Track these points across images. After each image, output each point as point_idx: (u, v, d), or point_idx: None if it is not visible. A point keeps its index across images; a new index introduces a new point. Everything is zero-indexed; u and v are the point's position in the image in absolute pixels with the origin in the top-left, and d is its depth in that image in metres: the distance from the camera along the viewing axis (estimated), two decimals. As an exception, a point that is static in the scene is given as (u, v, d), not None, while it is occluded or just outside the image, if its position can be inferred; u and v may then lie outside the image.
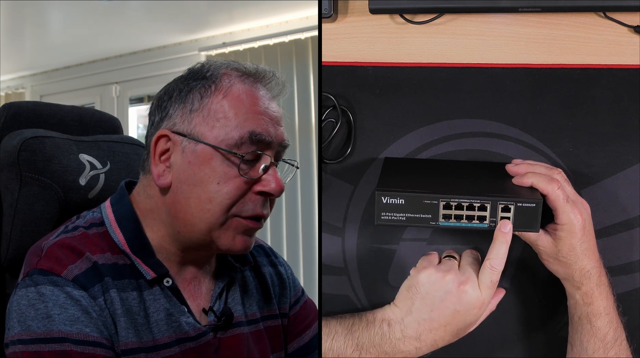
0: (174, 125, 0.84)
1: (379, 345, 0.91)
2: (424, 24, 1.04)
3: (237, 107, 0.84)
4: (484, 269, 0.90)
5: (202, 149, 0.83)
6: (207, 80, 0.85)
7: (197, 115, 0.84)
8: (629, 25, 1.02)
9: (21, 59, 3.62)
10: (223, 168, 0.83)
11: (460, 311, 0.89)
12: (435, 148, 1.05)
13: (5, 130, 1.01)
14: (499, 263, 0.89)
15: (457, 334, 0.92)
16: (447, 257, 0.94)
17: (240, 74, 0.86)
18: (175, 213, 0.85)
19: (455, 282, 0.89)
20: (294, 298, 1.03)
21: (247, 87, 0.85)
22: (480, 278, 0.90)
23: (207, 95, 0.84)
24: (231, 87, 0.84)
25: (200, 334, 0.87)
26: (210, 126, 0.83)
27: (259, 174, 0.84)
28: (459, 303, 0.89)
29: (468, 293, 0.89)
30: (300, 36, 2.92)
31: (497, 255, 0.89)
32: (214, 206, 0.83)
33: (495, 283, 0.90)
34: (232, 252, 0.87)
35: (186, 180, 0.83)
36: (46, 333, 0.77)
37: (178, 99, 0.85)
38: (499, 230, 0.89)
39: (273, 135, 0.85)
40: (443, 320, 0.89)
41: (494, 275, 0.89)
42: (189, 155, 0.83)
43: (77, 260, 0.82)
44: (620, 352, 0.95)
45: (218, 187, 0.82)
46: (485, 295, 0.89)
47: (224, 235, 0.85)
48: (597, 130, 1.03)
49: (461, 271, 0.91)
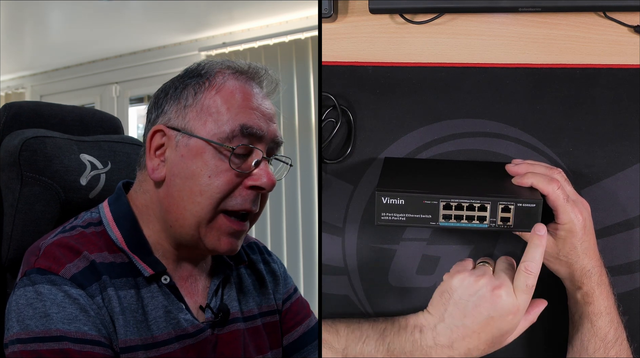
0: (168, 121, 0.86)
1: (410, 352, 0.89)
2: (424, 24, 1.05)
3: (229, 102, 0.85)
4: (519, 273, 0.86)
5: (194, 142, 0.84)
6: (202, 77, 0.87)
7: (191, 110, 0.85)
8: (629, 25, 1.02)
9: (21, 59, 3.62)
10: (215, 161, 0.84)
11: (494, 317, 0.86)
12: (435, 148, 1.05)
13: (6, 130, 1.01)
14: (535, 266, 0.86)
15: (493, 343, 0.88)
16: (482, 263, 0.92)
17: (233, 71, 0.88)
18: (168, 206, 0.86)
19: (489, 286, 0.86)
20: (286, 294, 1.04)
21: (241, 83, 0.87)
22: (515, 283, 0.86)
23: (200, 91, 0.86)
24: (224, 83, 0.86)
25: (199, 330, 0.88)
26: (203, 121, 0.85)
27: (250, 168, 0.85)
28: (492, 309, 0.86)
29: (502, 298, 0.86)
30: (300, 36, 2.92)
31: (533, 259, 0.86)
32: (204, 199, 0.84)
33: (531, 288, 0.86)
34: (218, 252, 0.88)
35: (179, 174, 0.85)
36: (44, 332, 0.77)
37: (173, 95, 0.87)
38: (535, 233, 0.87)
39: (265, 130, 0.86)
40: (477, 327, 0.86)
41: (529, 279, 0.86)
42: (182, 149, 0.85)
43: (75, 259, 0.83)
44: (621, 352, 0.95)
45: (209, 180, 0.83)
46: (520, 301, 0.86)
47: (210, 234, 0.86)
48: (597, 130, 1.03)
49: (495, 276, 0.88)
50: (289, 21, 2.97)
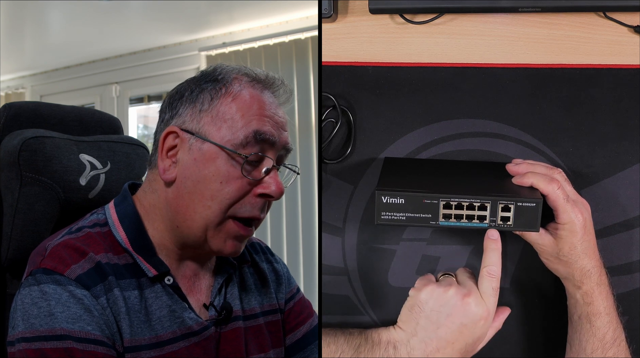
0: (183, 123, 0.87)
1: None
2: (424, 24, 1.04)
3: (244, 110, 0.86)
4: (482, 278, 0.90)
5: (208, 147, 0.85)
6: (218, 83, 0.88)
7: (206, 115, 0.86)
8: (629, 25, 1.02)
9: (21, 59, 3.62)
10: (227, 167, 0.85)
11: (467, 325, 0.88)
12: (435, 148, 1.05)
13: (6, 131, 1.01)
14: (496, 269, 0.90)
15: (466, 352, 0.90)
16: (444, 275, 0.94)
17: (250, 80, 0.89)
18: (177, 207, 0.87)
19: (458, 295, 0.89)
20: (289, 294, 1.05)
21: (257, 92, 0.88)
22: (481, 288, 0.90)
23: (217, 97, 0.87)
24: (241, 91, 0.87)
25: (203, 328, 0.89)
26: (217, 127, 0.86)
27: (261, 175, 0.87)
28: (464, 317, 0.88)
29: (472, 305, 0.88)
30: (300, 36, 2.92)
31: (493, 262, 0.90)
32: (215, 204, 0.85)
33: (496, 290, 0.90)
34: (221, 254, 0.90)
35: (190, 176, 0.86)
36: (49, 331, 0.78)
37: (189, 98, 0.88)
38: (488, 238, 0.91)
39: (277, 137, 0.88)
40: (451, 337, 0.88)
41: (493, 281, 0.89)
42: (195, 152, 0.86)
43: (81, 260, 0.83)
44: (619, 353, 0.95)
45: (221, 186, 0.85)
46: (489, 305, 0.89)
47: (217, 236, 0.87)
48: (597, 130, 1.03)
49: (461, 285, 0.91)
50: (289, 21, 2.97)
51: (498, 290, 0.90)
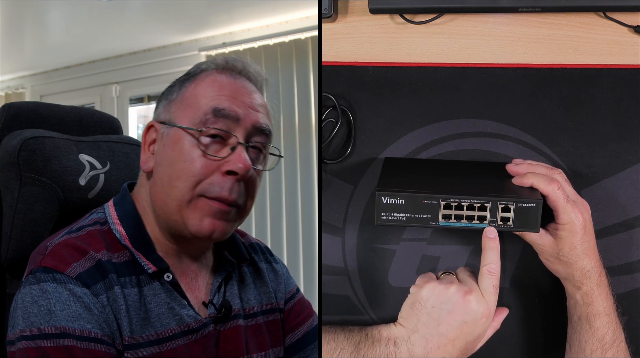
0: (158, 116, 0.92)
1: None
2: (424, 24, 1.04)
3: (206, 90, 0.89)
4: (482, 276, 0.90)
5: (174, 131, 0.88)
6: (189, 75, 0.93)
7: (174, 103, 0.90)
8: (629, 25, 1.02)
9: (21, 59, 3.62)
10: (189, 147, 0.86)
11: (468, 322, 0.89)
12: (435, 148, 1.05)
13: (5, 131, 1.01)
14: (496, 267, 0.90)
15: (466, 349, 0.90)
16: (445, 274, 0.95)
17: (216, 67, 0.92)
18: (155, 195, 0.89)
19: (460, 293, 0.89)
20: (288, 294, 1.05)
21: (222, 77, 0.91)
22: (481, 286, 0.90)
23: (184, 86, 0.91)
24: (205, 77, 0.90)
25: (202, 326, 0.89)
26: (183, 112, 0.89)
27: (227, 153, 0.87)
28: (466, 314, 0.89)
29: (473, 303, 0.89)
30: (300, 36, 2.92)
31: (492, 261, 0.90)
32: (181, 183, 0.86)
33: (497, 288, 0.90)
34: (201, 234, 0.87)
35: (161, 162, 0.88)
36: (49, 329, 0.78)
37: (165, 94, 0.93)
38: (486, 237, 0.91)
39: (241, 115, 0.88)
40: (452, 334, 0.88)
41: (493, 279, 0.90)
42: (165, 139, 0.89)
43: (81, 258, 0.84)
44: (619, 353, 0.95)
45: (185, 164, 0.86)
46: (490, 302, 0.89)
47: (192, 216, 0.86)
48: (597, 130, 1.03)
49: (462, 283, 0.91)
50: (289, 21, 2.97)
51: (498, 288, 0.90)
